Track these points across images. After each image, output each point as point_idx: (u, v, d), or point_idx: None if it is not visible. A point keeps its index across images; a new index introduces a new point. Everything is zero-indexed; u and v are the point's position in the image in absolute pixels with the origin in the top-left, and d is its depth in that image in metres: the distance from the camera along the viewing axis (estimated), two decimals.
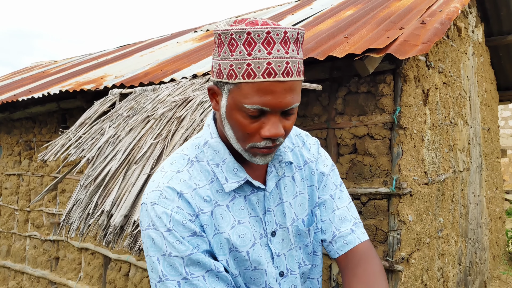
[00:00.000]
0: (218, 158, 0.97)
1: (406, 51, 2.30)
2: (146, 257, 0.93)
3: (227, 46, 0.83)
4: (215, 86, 0.91)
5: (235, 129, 0.90)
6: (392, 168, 2.61)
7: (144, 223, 0.93)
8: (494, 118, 5.61)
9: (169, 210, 0.91)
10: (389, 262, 2.53)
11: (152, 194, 0.93)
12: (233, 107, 0.87)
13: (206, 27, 6.70)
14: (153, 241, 0.91)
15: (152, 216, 0.91)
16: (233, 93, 0.85)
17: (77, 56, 8.84)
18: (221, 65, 0.85)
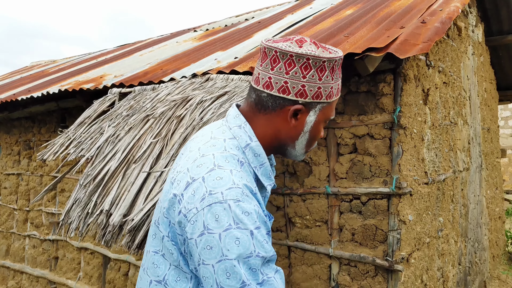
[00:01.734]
0: (257, 161, 1.02)
1: (406, 50, 2.29)
2: (220, 263, 0.84)
3: (328, 71, 1.00)
4: (303, 106, 1.02)
5: (313, 138, 1.09)
6: (392, 167, 2.61)
7: (223, 222, 0.86)
8: (494, 118, 5.60)
9: (255, 207, 0.90)
10: (389, 262, 2.53)
11: (231, 192, 0.88)
12: (321, 120, 1.06)
13: (206, 27, 6.70)
14: (239, 242, 0.85)
15: (238, 213, 0.86)
16: (325, 110, 1.05)
17: (76, 56, 8.83)
18: (322, 88, 1.01)
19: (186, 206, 0.91)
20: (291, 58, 0.97)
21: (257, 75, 1.02)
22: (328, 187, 2.81)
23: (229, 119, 1.06)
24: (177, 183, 0.95)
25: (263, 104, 1.02)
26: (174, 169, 1.04)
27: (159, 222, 0.97)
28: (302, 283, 2.90)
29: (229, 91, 2.52)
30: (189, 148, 1.04)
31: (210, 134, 1.04)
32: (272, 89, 1.00)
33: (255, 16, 6.22)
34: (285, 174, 3.05)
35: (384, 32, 2.70)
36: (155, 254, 0.98)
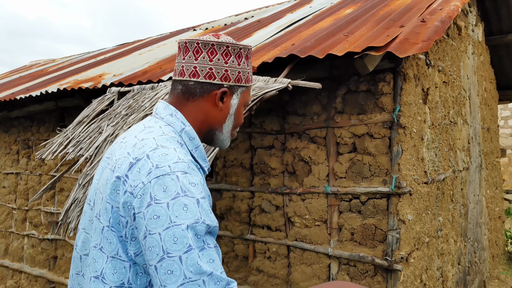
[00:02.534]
0: (193, 144, 1.09)
1: (406, 49, 2.29)
2: (168, 229, 0.86)
3: (244, 58, 1.13)
4: (228, 90, 1.12)
5: (237, 121, 1.19)
6: (391, 167, 2.60)
7: (171, 192, 0.89)
8: (493, 118, 5.60)
9: (201, 179, 0.96)
10: (388, 261, 2.52)
11: (178, 164, 0.93)
12: (242, 104, 1.17)
13: (205, 26, 6.69)
14: (187, 208, 0.88)
15: (185, 183, 0.91)
16: (244, 94, 1.17)
17: (75, 55, 8.82)
18: (241, 72, 1.13)
19: (131, 184, 0.93)
20: (213, 47, 1.09)
21: (181, 68, 1.11)
22: (328, 187, 2.80)
23: (159, 111, 1.12)
24: (118, 167, 0.97)
25: (191, 91, 1.11)
26: (108, 160, 1.07)
27: (100, 214, 0.98)
28: (301, 283, 2.89)
29: None
30: (123, 141, 1.08)
31: (143, 126, 1.09)
32: (199, 77, 1.10)
33: (254, 15, 6.21)
34: (284, 173, 3.04)
35: (383, 31, 2.69)
36: (94, 248, 0.98)
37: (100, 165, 1.12)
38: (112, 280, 0.95)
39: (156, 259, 0.86)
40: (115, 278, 0.95)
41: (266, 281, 3.07)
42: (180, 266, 0.85)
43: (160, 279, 0.86)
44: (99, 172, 1.09)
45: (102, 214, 0.97)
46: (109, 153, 1.10)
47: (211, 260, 0.88)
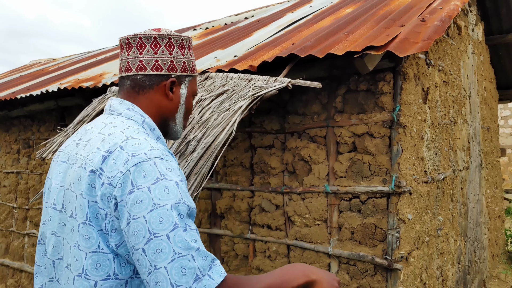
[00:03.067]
0: (154, 135, 1.13)
1: (406, 48, 2.29)
2: (152, 211, 0.87)
3: (186, 48, 1.17)
4: (176, 79, 1.16)
5: (187, 111, 1.22)
6: (391, 166, 2.60)
7: (151, 177, 0.91)
8: (493, 117, 5.60)
9: (176, 164, 0.99)
10: (388, 260, 2.53)
11: (153, 152, 0.96)
12: (190, 94, 1.21)
13: (205, 25, 6.69)
14: (168, 190, 0.91)
15: (162, 168, 0.93)
16: (192, 83, 1.21)
17: (76, 54, 8.82)
18: (186, 62, 1.17)
19: (108, 175, 0.93)
20: (156, 40, 1.12)
21: (127, 64, 1.13)
22: (328, 186, 2.80)
23: (115, 108, 1.12)
24: (90, 162, 0.97)
25: (140, 85, 1.13)
26: (70, 160, 1.06)
27: (75, 213, 0.97)
28: None
29: (228, 90, 2.51)
30: (81, 140, 1.09)
31: (102, 123, 1.08)
32: (146, 70, 1.12)
33: (254, 15, 6.21)
34: (284, 173, 3.04)
35: (383, 31, 2.69)
36: (74, 247, 0.97)
37: (56, 168, 1.10)
38: (97, 275, 0.94)
39: (143, 242, 0.87)
40: (99, 272, 0.94)
41: None
42: (168, 243, 0.86)
43: (149, 260, 0.86)
44: (60, 175, 1.07)
45: (78, 212, 0.96)
46: (65, 156, 1.10)
47: (195, 240, 0.90)
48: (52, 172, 1.12)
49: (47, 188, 1.12)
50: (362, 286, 2.66)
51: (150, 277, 0.87)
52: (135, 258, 0.89)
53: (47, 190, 1.12)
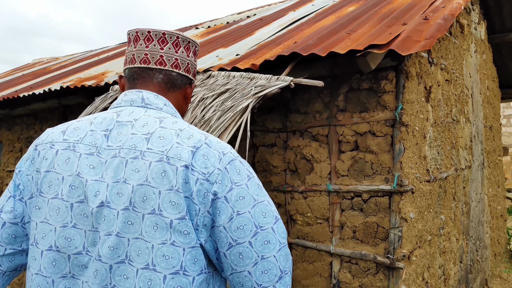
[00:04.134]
0: None
1: (408, 47, 2.28)
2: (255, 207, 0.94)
3: (196, 55, 1.20)
4: None
5: None
6: (393, 165, 2.60)
7: (244, 175, 0.97)
8: (496, 116, 5.59)
9: None
10: (390, 259, 2.53)
11: (232, 150, 1.01)
12: None
13: (207, 24, 6.69)
14: (260, 186, 0.98)
15: (246, 165, 1.00)
16: None
17: (78, 53, 8.84)
18: (195, 68, 1.20)
19: (203, 171, 0.93)
20: (188, 44, 1.15)
21: (159, 57, 1.10)
22: (330, 185, 2.80)
23: (151, 101, 1.07)
24: (177, 158, 0.93)
25: (172, 82, 1.12)
26: (123, 154, 0.95)
27: (161, 209, 0.90)
28: (303, 280, 2.90)
29: (230, 88, 2.51)
30: (128, 133, 0.98)
31: (149, 117, 1.01)
32: (180, 69, 1.12)
33: (256, 14, 6.21)
34: (286, 171, 3.05)
35: (386, 29, 2.69)
36: (163, 245, 0.90)
37: (83, 162, 0.97)
38: (194, 270, 0.93)
39: (250, 235, 0.93)
40: (196, 267, 0.94)
41: None
42: (274, 235, 0.95)
43: (257, 251, 0.93)
44: (103, 169, 0.95)
45: (167, 208, 0.90)
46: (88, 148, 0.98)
47: None
48: (71, 165, 0.97)
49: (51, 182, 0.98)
50: (364, 284, 2.66)
51: (256, 267, 0.93)
52: (237, 251, 0.93)
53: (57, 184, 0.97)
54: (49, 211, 0.97)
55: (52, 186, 0.97)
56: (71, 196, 0.95)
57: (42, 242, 0.97)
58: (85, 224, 0.94)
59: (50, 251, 0.96)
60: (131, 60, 1.11)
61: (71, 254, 0.94)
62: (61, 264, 0.95)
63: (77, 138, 1.00)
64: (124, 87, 1.15)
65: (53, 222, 0.96)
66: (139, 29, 1.12)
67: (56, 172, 0.98)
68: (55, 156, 0.99)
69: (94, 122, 1.03)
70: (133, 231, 0.91)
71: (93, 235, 0.93)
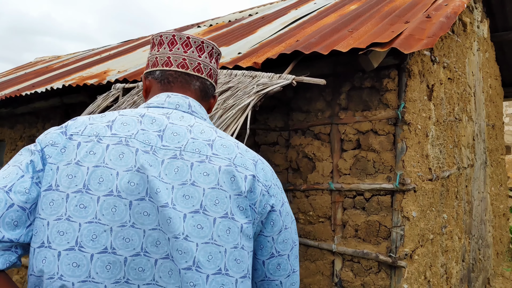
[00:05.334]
0: None
1: (411, 45, 2.28)
2: (292, 223, 1.02)
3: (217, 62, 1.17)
4: None
5: None
6: (396, 164, 2.60)
7: (283, 193, 1.03)
8: (499, 115, 5.57)
9: None
10: (392, 258, 2.52)
11: None
12: None
13: (209, 22, 6.68)
14: None
15: None
16: None
17: (80, 52, 8.85)
18: None
19: (264, 184, 0.96)
20: (218, 56, 1.15)
21: (197, 64, 1.08)
22: (332, 183, 2.80)
23: (197, 110, 1.06)
24: (244, 167, 0.94)
25: (206, 92, 1.12)
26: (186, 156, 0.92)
27: (232, 213, 0.89)
28: (305, 279, 2.90)
29: (232, 87, 2.51)
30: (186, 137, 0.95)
31: (203, 126, 1.00)
32: (212, 79, 1.13)
33: (258, 12, 6.20)
34: (288, 170, 3.04)
35: (388, 27, 2.68)
36: (234, 249, 0.89)
37: (142, 158, 0.90)
38: (254, 276, 1.01)
39: (289, 249, 1.00)
40: (250, 269, 0.94)
41: None
42: (298, 250, 1.04)
43: (291, 264, 1.01)
44: (166, 168, 0.90)
45: (236, 213, 0.90)
46: (143, 145, 0.92)
47: None
48: (126, 160, 0.89)
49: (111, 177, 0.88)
50: (366, 283, 2.66)
51: (288, 279, 1.01)
52: (276, 262, 0.99)
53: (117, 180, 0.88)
54: (102, 210, 0.86)
55: (104, 182, 0.87)
56: (130, 193, 0.87)
57: (91, 244, 0.84)
58: (144, 224, 0.86)
59: (104, 254, 0.85)
60: (166, 62, 1.07)
61: (128, 256, 0.85)
62: (116, 268, 0.85)
63: (129, 134, 0.92)
64: (151, 88, 1.10)
65: (107, 222, 0.85)
66: (176, 33, 1.09)
67: (109, 167, 0.88)
68: (105, 150, 0.90)
69: (143, 122, 0.96)
70: (203, 235, 0.87)
71: (157, 235, 0.86)
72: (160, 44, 1.09)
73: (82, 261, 0.84)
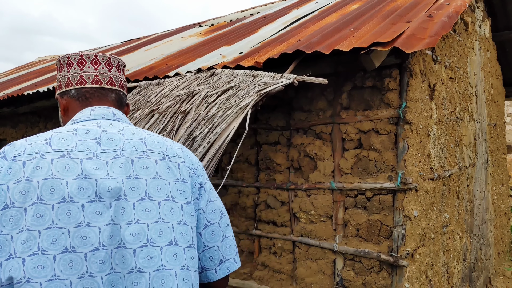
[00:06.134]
0: None
1: (413, 44, 2.28)
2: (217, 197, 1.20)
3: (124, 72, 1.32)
4: None
5: None
6: (397, 163, 2.60)
7: None
8: (500, 114, 5.57)
9: None
10: (393, 257, 2.53)
11: None
12: None
13: (211, 22, 6.69)
14: None
15: None
16: None
17: (82, 51, 8.85)
18: None
19: (191, 167, 1.16)
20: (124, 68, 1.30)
21: (109, 78, 1.22)
22: (333, 183, 2.81)
23: (121, 117, 1.20)
24: (176, 155, 1.14)
25: (121, 101, 1.25)
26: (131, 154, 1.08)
27: (173, 196, 1.08)
28: (307, 278, 2.91)
29: (234, 86, 2.52)
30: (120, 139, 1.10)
31: (133, 128, 1.17)
32: (124, 89, 1.26)
33: (260, 11, 6.20)
34: (290, 169, 3.05)
35: (390, 27, 2.68)
36: (179, 224, 1.07)
37: (89, 165, 1.02)
38: (196, 245, 1.13)
39: (218, 218, 1.17)
40: (195, 240, 1.13)
41: (271, 276, 3.09)
42: (228, 220, 1.21)
43: (223, 231, 1.18)
44: (127, 167, 1.05)
45: (177, 195, 1.09)
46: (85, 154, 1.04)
47: None
48: (72, 170, 1.00)
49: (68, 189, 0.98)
50: (367, 282, 2.66)
51: (222, 243, 1.17)
52: (210, 230, 1.16)
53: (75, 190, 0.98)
54: (58, 215, 0.95)
55: (56, 191, 0.96)
56: (81, 197, 0.98)
57: (52, 247, 0.93)
58: (98, 221, 0.97)
59: (65, 253, 0.94)
60: (80, 81, 1.20)
61: (87, 252, 0.95)
62: (78, 265, 0.94)
63: (69, 147, 1.03)
64: (69, 106, 1.20)
65: (64, 225, 0.95)
66: (84, 53, 1.23)
67: (57, 178, 0.97)
68: (51, 164, 0.99)
69: (78, 134, 1.07)
70: (151, 216, 1.03)
71: (110, 229, 0.98)
72: (69, 65, 1.20)
73: (46, 263, 0.92)
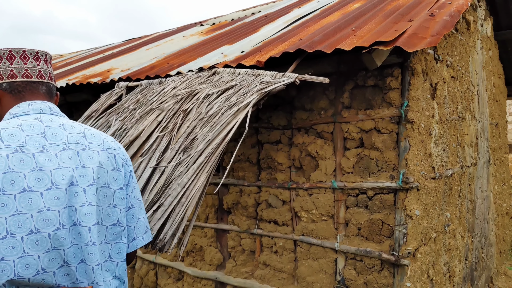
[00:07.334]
0: None
1: (414, 43, 2.28)
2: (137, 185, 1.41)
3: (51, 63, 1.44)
4: None
5: None
6: (399, 162, 2.60)
7: None
8: (502, 113, 5.56)
9: None
10: (395, 256, 2.53)
11: None
12: None
13: (212, 21, 6.68)
14: None
15: None
16: None
17: (83, 50, 8.86)
18: None
19: (123, 157, 1.36)
20: (51, 60, 1.40)
21: (38, 72, 1.32)
22: (335, 182, 2.80)
23: (57, 110, 1.33)
24: (112, 148, 1.34)
25: (51, 92, 1.37)
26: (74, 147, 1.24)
27: (109, 183, 1.28)
28: (308, 277, 2.91)
29: (235, 85, 2.52)
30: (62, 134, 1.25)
31: (72, 123, 1.32)
32: (53, 80, 1.38)
33: (261, 10, 6.20)
34: (291, 168, 3.05)
35: (392, 26, 2.68)
36: (108, 207, 1.27)
37: (41, 158, 1.17)
38: (124, 222, 1.32)
39: (137, 203, 1.39)
40: (124, 221, 1.32)
41: (273, 275, 3.09)
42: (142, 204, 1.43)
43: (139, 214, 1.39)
44: (59, 160, 1.19)
45: (111, 182, 1.29)
46: (36, 148, 1.18)
47: None
48: (28, 163, 1.14)
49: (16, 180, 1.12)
50: (369, 281, 2.66)
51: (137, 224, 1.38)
52: (131, 212, 1.36)
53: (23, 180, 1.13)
54: (20, 204, 1.11)
55: (16, 183, 1.11)
56: (39, 187, 1.14)
57: (19, 230, 1.10)
58: (57, 205, 1.15)
59: (31, 234, 1.11)
60: (10, 75, 1.29)
61: (50, 232, 1.13)
62: (43, 242, 1.13)
63: (19, 143, 1.16)
64: (2, 98, 1.30)
65: (27, 211, 1.11)
66: (13, 48, 1.30)
67: (15, 171, 1.12)
68: (7, 159, 1.12)
69: (24, 129, 1.20)
70: (94, 200, 1.22)
71: (67, 211, 1.17)
72: (9, 58, 1.29)
73: (15, 244, 1.09)
